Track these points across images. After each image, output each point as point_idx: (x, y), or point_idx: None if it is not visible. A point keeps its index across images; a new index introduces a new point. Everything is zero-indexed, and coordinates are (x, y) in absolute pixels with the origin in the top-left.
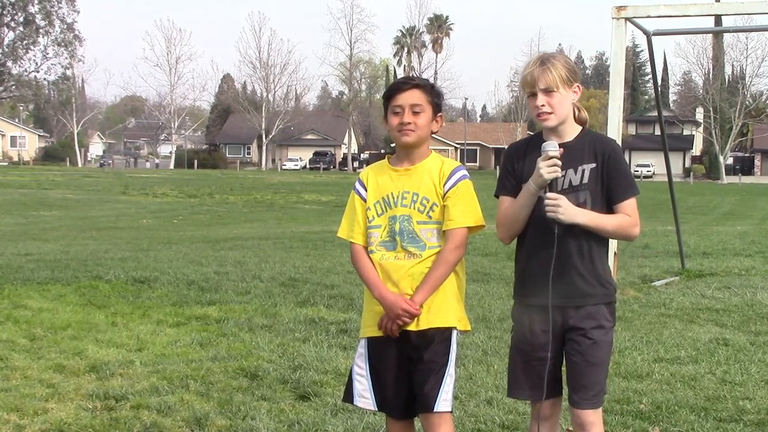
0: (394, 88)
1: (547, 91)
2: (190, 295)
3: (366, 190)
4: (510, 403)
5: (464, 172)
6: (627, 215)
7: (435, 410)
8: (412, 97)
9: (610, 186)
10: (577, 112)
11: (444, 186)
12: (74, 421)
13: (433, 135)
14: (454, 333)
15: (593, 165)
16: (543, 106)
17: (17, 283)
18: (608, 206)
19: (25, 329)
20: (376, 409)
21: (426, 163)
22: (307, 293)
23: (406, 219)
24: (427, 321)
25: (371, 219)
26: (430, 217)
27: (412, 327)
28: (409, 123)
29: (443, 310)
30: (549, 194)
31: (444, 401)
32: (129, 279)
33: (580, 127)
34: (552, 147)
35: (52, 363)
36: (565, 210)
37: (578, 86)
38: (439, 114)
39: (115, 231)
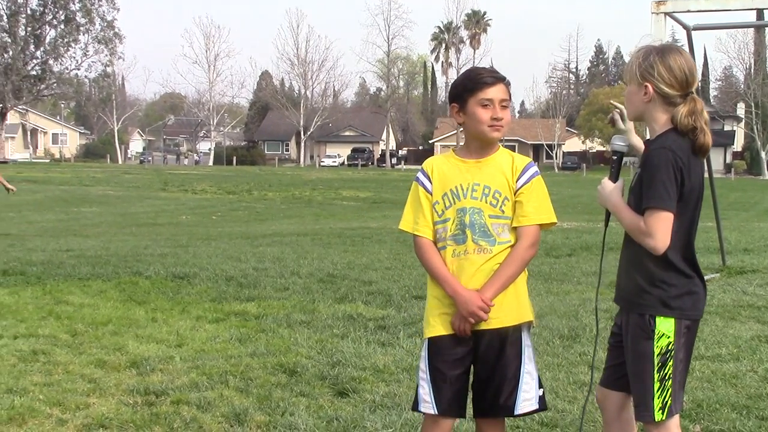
0: (483, 81)
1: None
2: (229, 291)
3: (431, 182)
4: (549, 401)
5: (536, 168)
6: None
7: (516, 413)
8: (500, 91)
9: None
10: (677, 118)
11: (517, 182)
12: (115, 416)
13: None
14: (525, 329)
15: (640, 170)
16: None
17: (59, 278)
18: None
19: (67, 325)
20: (437, 413)
21: (496, 156)
22: (346, 289)
23: (477, 212)
24: (499, 319)
25: (440, 213)
26: (502, 212)
27: (483, 326)
28: (502, 118)
29: (515, 307)
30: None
31: (525, 401)
32: (168, 275)
33: (665, 129)
34: (616, 141)
35: (93, 358)
36: (600, 192)
37: (647, 85)
38: None
39: (154, 227)
